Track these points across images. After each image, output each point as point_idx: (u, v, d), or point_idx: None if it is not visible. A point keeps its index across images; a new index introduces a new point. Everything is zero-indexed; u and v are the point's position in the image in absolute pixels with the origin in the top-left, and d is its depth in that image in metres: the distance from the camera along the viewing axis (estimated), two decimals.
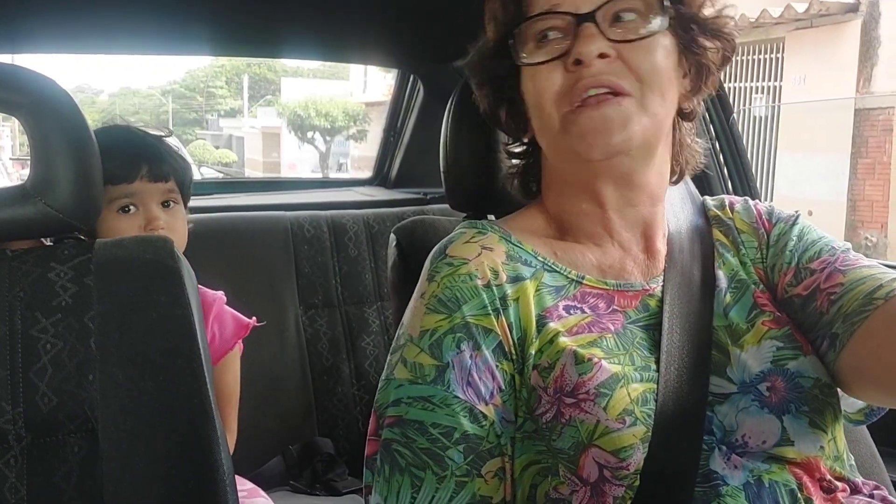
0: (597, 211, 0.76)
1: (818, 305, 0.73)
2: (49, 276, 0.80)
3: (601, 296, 0.74)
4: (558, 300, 0.73)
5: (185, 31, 1.68)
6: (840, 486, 0.69)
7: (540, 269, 0.74)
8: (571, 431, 0.65)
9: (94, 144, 0.84)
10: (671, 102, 0.73)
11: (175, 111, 31.75)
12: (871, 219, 7.24)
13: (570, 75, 0.70)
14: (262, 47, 2.01)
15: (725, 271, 0.77)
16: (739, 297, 0.75)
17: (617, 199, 0.75)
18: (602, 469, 0.64)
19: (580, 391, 0.66)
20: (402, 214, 1.82)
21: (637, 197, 0.76)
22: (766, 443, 0.67)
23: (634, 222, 0.77)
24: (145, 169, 1.16)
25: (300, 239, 1.74)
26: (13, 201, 0.80)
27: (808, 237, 0.79)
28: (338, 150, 19.00)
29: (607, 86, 0.69)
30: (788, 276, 0.76)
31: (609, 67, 0.69)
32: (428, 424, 0.66)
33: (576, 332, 0.70)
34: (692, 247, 0.78)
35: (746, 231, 0.81)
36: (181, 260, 0.85)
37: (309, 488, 1.54)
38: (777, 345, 0.71)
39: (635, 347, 0.71)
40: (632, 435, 0.64)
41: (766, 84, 8.10)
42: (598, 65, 0.69)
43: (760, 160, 7.90)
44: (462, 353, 0.68)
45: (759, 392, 0.69)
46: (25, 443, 0.77)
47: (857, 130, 7.24)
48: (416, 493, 0.65)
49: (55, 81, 0.82)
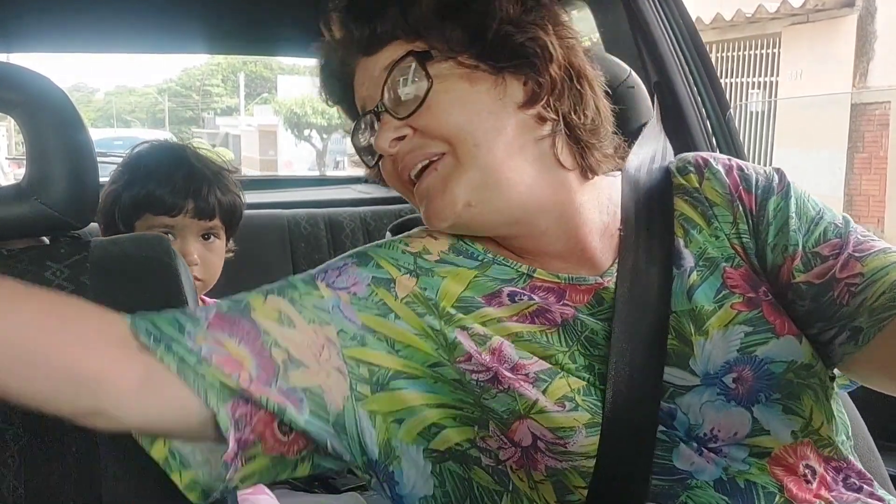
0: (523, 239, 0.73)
1: (836, 296, 0.69)
2: (45, 274, 0.80)
3: (552, 290, 0.72)
4: (502, 286, 0.71)
5: (181, 29, 1.68)
6: (820, 471, 0.67)
7: (488, 262, 0.73)
8: (507, 400, 0.65)
9: (90, 143, 0.84)
10: (498, 132, 0.68)
11: (171, 109, 31.71)
12: (868, 213, 7.26)
13: (395, 163, 0.72)
14: (259, 45, 2.01)
15: (692, 249, 0.73)
16: (707, 275, 0.72)
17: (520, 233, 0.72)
18: (536, 440, 0.64)
19: (520, 371, 0.66)
20: (398, 212, 1.82)
21: (531, 227, 0.71)
22: (738, 434, 0.66)
23: (555, 239, 0.72)
24: (191, 205, 1.12)
25: (297, 237, 1.74)
26: (8, 200, 0.80)
27: (806, 213, 0.73)
28: (335, 147, 18.97)
29: (420, 160, 0.70)
30: (796, 261, 0.71)
31: (410, 144, 0.70)
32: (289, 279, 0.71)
33: (517, 320, 0.69)
34: (649, 228, 0.74)
35: (719, 203, 0.74)
36: (178, 258, 0.84)
37: (307, 486, 1.54)
38: (745, 330, 0.69)
39: (580, 344, 0.69)
40: (573, 419, 0.64)
41: (763, 79, 8.12)
42: (401, 148, 0.70)
43: (757, 155, 7.92)
44: (342, 264, 0.72)
45: (725, 385, 0.67)
46: (23, 442, 0.76)
47: (853, 125, 7.26)
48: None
49: (51, 80, 0.82)
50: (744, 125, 8.07)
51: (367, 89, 0.73)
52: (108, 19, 1.53)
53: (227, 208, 1.17)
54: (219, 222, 1.17)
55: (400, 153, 0.70)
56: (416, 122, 0.69)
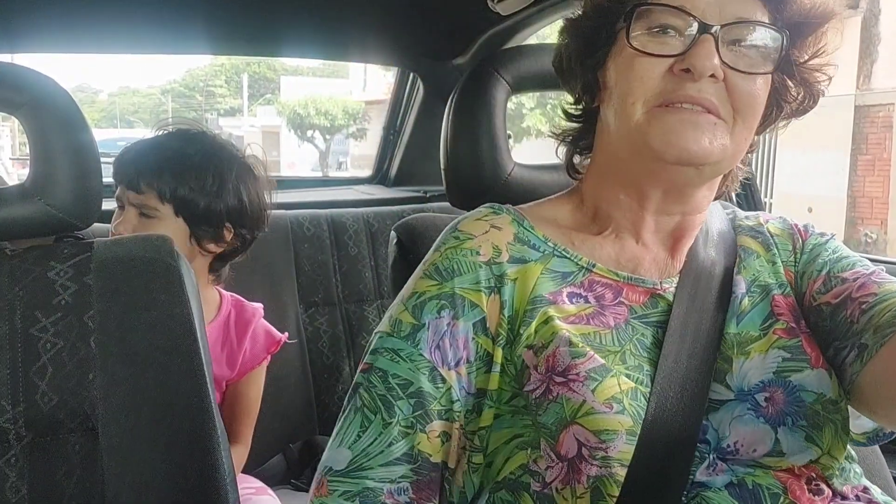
0: (633, 207, 0.75)
1: (848, 314, 0.70)
2: (49, 274, 0.80)
3: (609, 286, 0.73)
4: (563, 286, 0.73)
5: (185, 31, 1.68)
6: (827, 491, 0.68)
7: (549, 253, 0.75)
8: (556, 408, 0.66)
9: (94, 143, 0.84)
10: (753, 135, 0.73)
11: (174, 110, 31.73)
12: (871, 215, 7.24)
13: (673, 78, 0.68)
14: (262, 46, 2.01)
15: (745, 276, 0.76)
16: (757, 302, 0.74)
17: (658, 205, 0.75)
18: (581, 447, 0.65)
19: (571, 372, 0.67)
20: (401, 213, 1.82)
21: (677, 208, 0.75)
22: (757, 451, 0.67)
23: (665, 227, 0.76)
24: (129, 176, 1.17)
25: (300, 237, 1.74)
26: (13, 200, 0.80)
27: (842, 251, 0.78)
28: (337, 148, 18.99)
29: (706, 106, 0.68)
30: (818, 284, 0.74)
31: (713, 88, 0.68)
32: (390, 374, 0.71)
33: (573, 321, 0.70)
34: (715, 252, 0.77)
35: (781, 235, 0.80)
36: (181, 258, 0.85)
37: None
38: (783, 355, 0.70)
39: (632, 344, 0.70)
40: (617, 421, 0.64)
41: None
42: (704, 83, 0.67)
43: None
44: (440, 319, 0.71)
45: (756, 401, 0.68)
46: (26, 442, 0.77)
47: (856, 127, 7.24)
48: (361, 433, 0.70)
49: (55, 81, 0.82)
50: None
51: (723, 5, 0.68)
52: (112, 20, 1.53)
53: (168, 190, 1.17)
54: (153, 200, 1.17)
55: (699, 85, 0.67)
56: (734, 79, 0.68)
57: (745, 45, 0.69)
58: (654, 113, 0.68)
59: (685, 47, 0.68)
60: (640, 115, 0.69)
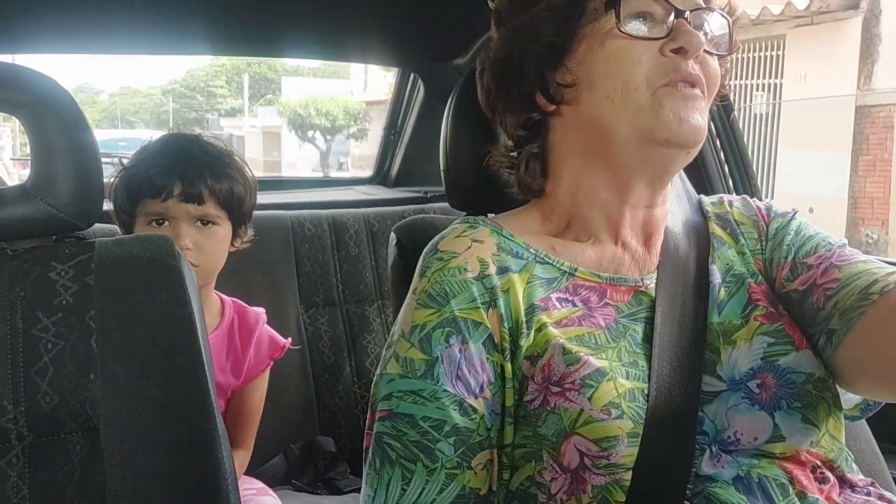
0: (614, 204, 0.76)
1: (815, 301, 0.73)
2: (50, 275, 0.81)
3: (593, 288, 0.74)
4: (550, 292, 0.73)
5: (186, 31, 1.68)
6: (832, 478, 0.68)
7: (531, 260, 0.74)
8: (555, 419, 0.66)
9: (95, 143, 0.84)
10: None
11: (175, 111, 31.74)
12: (872, 216, 7.23)
13: (664, 60, 0.70)
14: (263, 46, 2.02)
15: (720, 265, 0.77)
16: (734, 292, 0.75)
17: (640, 197, 0.76)
18: (583, 457, 0.64)
19: (566, 381, 0.66)
20: (402, 213, 1.82)
21: (658, 197, 0.77)
22: (758, 439, 0.67)
23: (642, 220, 0.77)
24: (178, 188, 1.13)
25: (301, 238, 1.74)
26: (14, 201, 0.80)
27: (804, 232, 0.79)
28: (338, 149, 18.98)
29: (698, 84, 0.71)
30: (785, 271, 0.76)
31: (698, 67, 0.72)
32: (418, 418, 0.67)
33: (565, 324, 0.70)
34: (687, 243, 0.78)
35: (746, 223, 0.81)
36: (182, 258, 0.85)
37: (311, 487, 1.54)
38: (768, 340, 0.71)
39: (626, 341, 0.70)
40: (617, 427, 0.64)
41: (767, 81, 8.09)
42: (692, 62, 0.71)
43: (761, 158, 7.89)
44: (451, 347, 0.69)
45: (749, 389, 0.69)
46: (27, 442, 0.77)
47: (857, 127, 7.23)
48: (406, 485, 0.66)
49: (55, 81, 0.82)
50: (748, 127, 8.05)
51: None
52: (113, 21, 1.53)
53: (223, 194, 1.17)
54: (214, 208, 1.16)
55: (692, 64, 0.71)
56: (704, 59, 0.73)
57: (713, 28, 0.74)
58: (658, 95, 0.70)
59: (669, 29, 0.71)
60: (645, 99, 0.70)
